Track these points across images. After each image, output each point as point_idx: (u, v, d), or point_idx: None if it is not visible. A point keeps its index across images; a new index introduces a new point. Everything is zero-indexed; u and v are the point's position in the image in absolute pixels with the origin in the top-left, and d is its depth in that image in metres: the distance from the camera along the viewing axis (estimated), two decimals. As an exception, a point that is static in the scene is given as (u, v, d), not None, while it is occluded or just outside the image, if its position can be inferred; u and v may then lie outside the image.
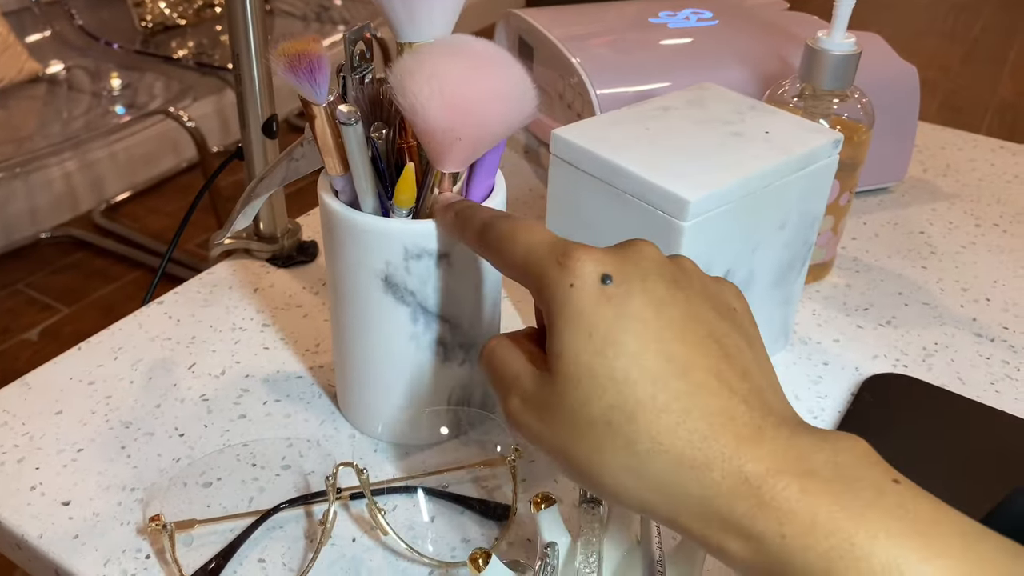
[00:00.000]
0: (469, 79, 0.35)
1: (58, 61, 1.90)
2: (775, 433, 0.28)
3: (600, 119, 0.48)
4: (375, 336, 0.43)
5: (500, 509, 0.43)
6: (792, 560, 0.25)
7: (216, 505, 0.43)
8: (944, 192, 0.74)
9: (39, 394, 0.50)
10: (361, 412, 0.47)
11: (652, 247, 0.32)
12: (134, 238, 2.09)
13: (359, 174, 0.39)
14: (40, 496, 0.43)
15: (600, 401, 0.29)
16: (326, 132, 0.39)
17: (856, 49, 0.55)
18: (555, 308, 0.30)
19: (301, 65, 0.36)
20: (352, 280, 0.42)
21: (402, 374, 0.44)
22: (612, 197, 0.45)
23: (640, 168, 0.43)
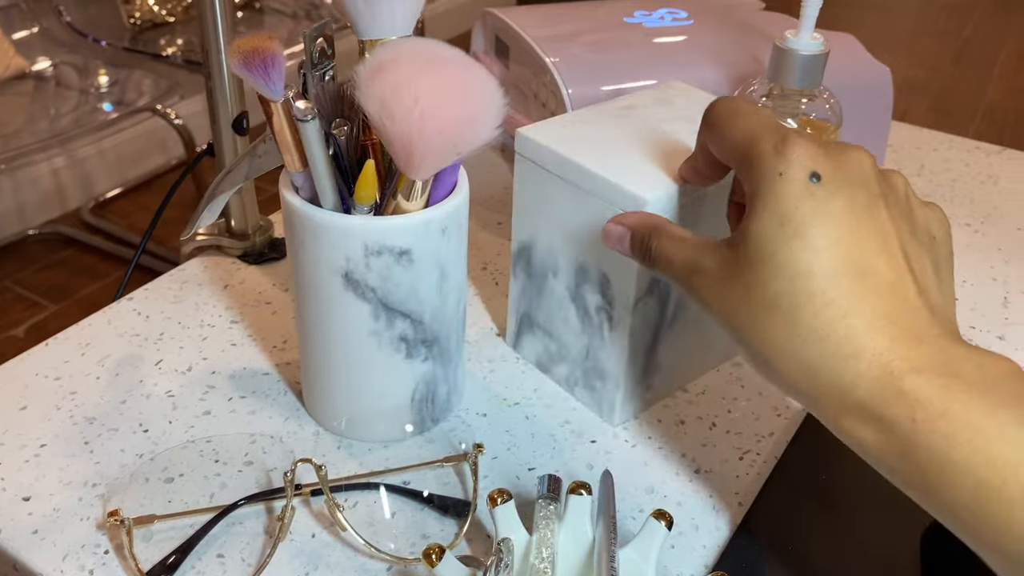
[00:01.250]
0: (448, 97, 0.36)
1: (45, 58, 1.89)
2: (933, 341, 0.30)
3: (565, 118, 0.48)
4: (336, 333, 0.43)
5: (460, 505, 0.43)
6: (919, 441, 0.28)
7: (177, 500, 0.43)
8: (917, 192, 0.74)
9: (3, 389, 0.50)
10: (324, 409, 0.47)
11: (869, 158, 0.33)
12: (122, 235, 2.09)
13: (318, 170, 0.39)
14: (1, 491, 0.43)
15: (774, 285, 0.31)
16: (284, 128, 0.39)
17: (824, 49, 0.55)
18: (760, 190, 0.32)
19: (255, 62, 0.36)
20: (313, 277, 0.42)
21: (364, 371, 0.44)
22: (575, 195, 0.45)
23: (600, 167, 0.44)
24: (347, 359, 0.44)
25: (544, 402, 0.50)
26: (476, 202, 0.69)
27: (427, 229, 0.41)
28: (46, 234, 2.11)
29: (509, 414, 0.49)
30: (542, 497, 0.40)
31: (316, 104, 0.39)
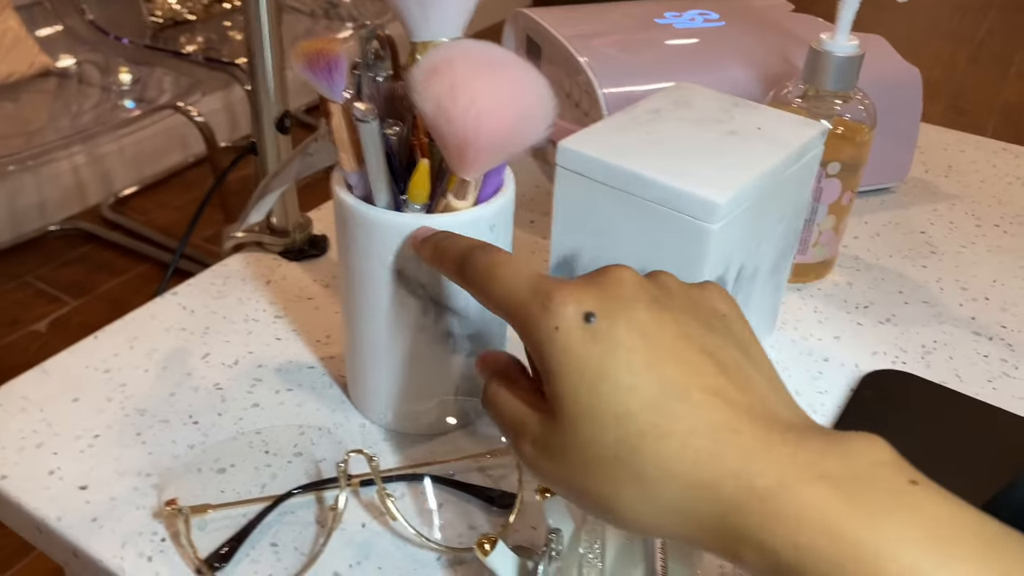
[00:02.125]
0: (502, 98, 0.36)
1: (69, 55, 1.91)
2: (783, 440, 0.27)
3: (599, 127, 0.48)
4: (385, 327, 0.44)
5: (506, 497, 0.44)
6: (805, 567, 0.25)
7: (230, 491, 0.44)
8: (945, 193, 0.75)
9: (56, 381, 0.51)
10: (371, 401, 0.48)
11: (629, 272, 0.32)
12: (141, 231, 2.10)
13: (374, 170, 0.40)
14: (59, 480, 0.45)
15: (604, 438, 0.29)
16: (342, 129, 0.40)
17: (859, 51, 0.56)
18: (544, 352, 0.30)
19: (320, 64, 0.37)
20: (364, 272, 0.43)
21: (411, 364, 0.45)
22: (631, 205, 0.45)
23: (660, 174, 0.44)
24: (395, 353, 0.45)
25: (583, 397, 0.51)
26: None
27: (476, 226, 0.42)
28: (67, 230, 2.13)
29: (550, 409, 0.50)
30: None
31: (370, 103, 0.40)
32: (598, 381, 0.29)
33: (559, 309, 0.30)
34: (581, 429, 0.29)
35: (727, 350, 0.30)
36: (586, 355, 0.29)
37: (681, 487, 0.27)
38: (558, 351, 0.30)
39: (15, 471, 0.45)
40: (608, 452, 0.29)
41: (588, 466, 0.29)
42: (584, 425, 0.29)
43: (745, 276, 0.49)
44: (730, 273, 0.47)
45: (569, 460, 0.30)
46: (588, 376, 0.29)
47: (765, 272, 0.51)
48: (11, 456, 0.46)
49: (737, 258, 0.47)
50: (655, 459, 0.28)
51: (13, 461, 0.45)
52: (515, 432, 0.32)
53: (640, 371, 0.29)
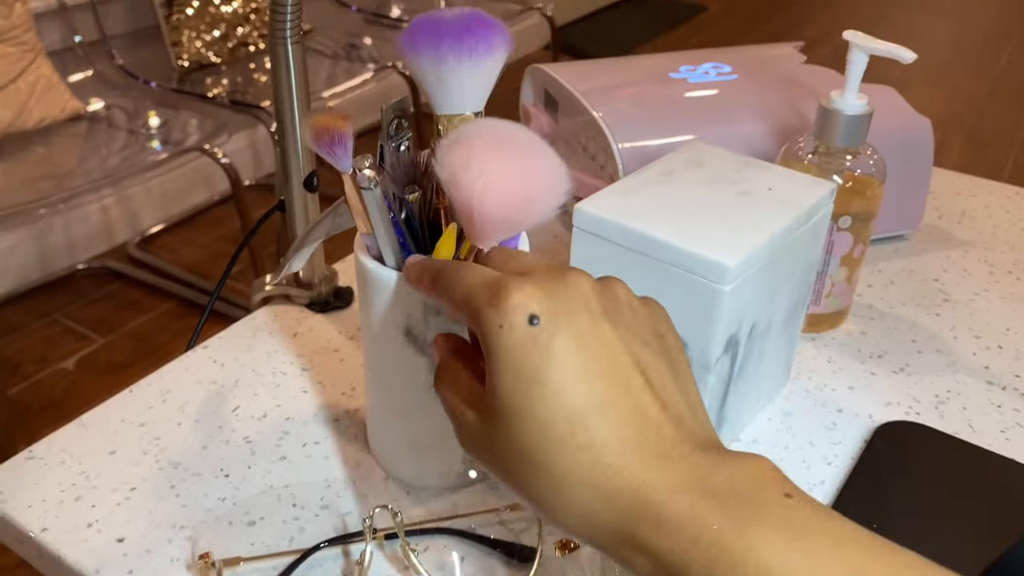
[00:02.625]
0: (510, 175, 0.38)
1: (98, 99, 1.96)
2: (682, 456, 0.30)
3: (613, 188, 0.50)
4: (397, 384, 0.46)
5: (527, 551, 0.45)
6: (681, 571, 0.28)
7: (259, 543, 0.46)
8: (959, 239, 0.76)
9: (94, 434, 0.53)
10: (389, 457, 0.50)
11: (584, 278, 0.34)
12: (167, 269, 2.14)
13: (380, 232, 0.42)
14: (96, 533, 0.46)
15: (526, 438, 0.31)
16: (353, 195, 0.42)
17: (868, 109, 0.57)
18: (488, 347, 0.32)
19: (325, 138, 0.39)
20: (378, 331, 0.45)
21: (424, 421, 0.47)
22: (644, 266, 0.47)
23: (673, 236, 0.45)
24: (407, 409, 0.47)
25: (602, 449, 0.52)
26: (528, 251, 0.72)
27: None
28: (94, 268, 2.17)
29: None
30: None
31: (391, 172, 0.42)
32: (531, 383, 0.31)
33: (505, 307, 0.32)
34: (507, 426, 0.32)
35: (657, 369, 0.33)
36: (524, 357, 0.31)
37: (588, 494, 0.30)
38: (500, 348, 0.32)
39: (55, 523, 0.47)
40: (528, 452, 0.31)
41: (511, 461, 0.32)
42: (510, 423, 0.32)
43: (758, 332, 0.50)
44: (743, 330, 0.48)
45: (496, 452, 0.33)
46: (523, 378, 0.31)
47: (778, 326, 0.52)
48: (51, 509, 0.48)
49: (750, 315, 0.48)
50: (570, 467, 0.30)
51: (53, 514, 0.47)
52: (456, 421, 0.35)
53: (570, 382, 0.31)
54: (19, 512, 0.47)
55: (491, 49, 0.42)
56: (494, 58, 0.42)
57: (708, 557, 0.28)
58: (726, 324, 0.46)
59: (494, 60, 0.42)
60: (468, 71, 0.42)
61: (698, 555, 0.28)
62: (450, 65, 0.41)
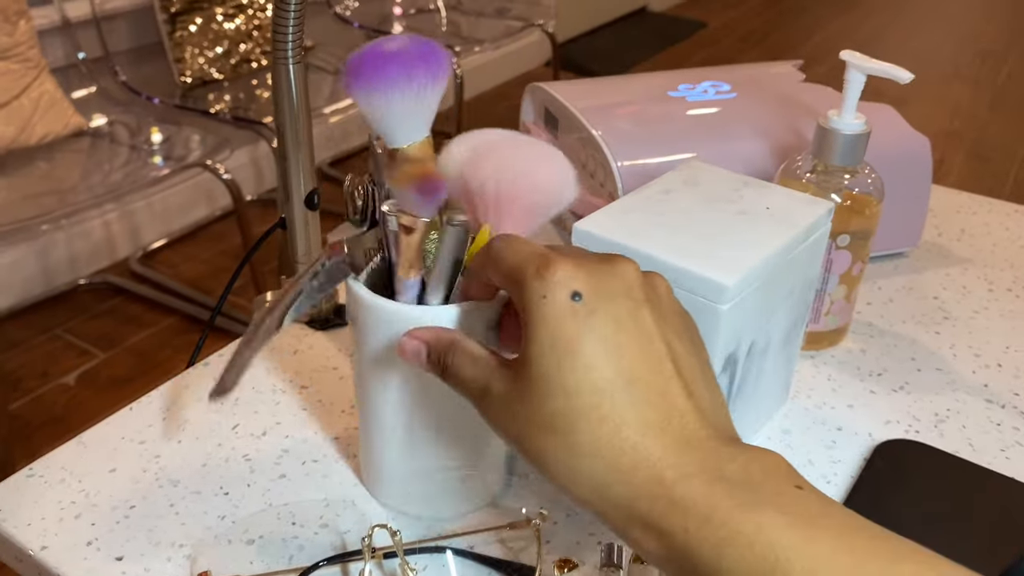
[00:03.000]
0: (518, 162, 0.39)
1: (101, 115, 1.97)
2: (700, 444, 0.31)
3: (613, 208, 0.50)
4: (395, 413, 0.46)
5: (525, 570, 0.45)
6: (691, 551, 0.29)
7: (259, 562, 0.46)
8: (958, 256, 0.76)
9: (93, 452, 0.53)
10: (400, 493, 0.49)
11: (630, 266, 0.35)
12: (169, 285, 2.15)
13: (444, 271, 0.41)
14: (96, 551, 0.46)
15: (550, 405, 0.32)
16: (416, 240, 0.41)
17: (866, 128, 0.58)
18: (528, 316, 0.33)
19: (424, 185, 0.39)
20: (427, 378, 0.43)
21: (422, 449, 0.47)
22: None
23: (671, 256, 0.46)
24: (405, 440, 0.47)
25: (601, 468, 0.52)
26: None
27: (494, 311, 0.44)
28: (95, 284, 2.17)
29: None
30: (605, 566, 0.42)
31: None
32: (564, 354, 0.32)
33: (551, 279, 0.33)
34: (534, 392, 0.33)
35: (688, 361, 0.34)
36: (562, 329, 0.32)
37: (603, 468, 0.31)
38: (540, 318, 0.33)
39: (54, 541, 0.47)
40: (548, 420, 0.32)
41: (530, 426, 0.33)
42: (537, 389, 0.33)
43: (757, 350, 0.50)
44: (742, 349, 0.48)
45: (517, 419, 0.34)
46: (558, 347, 0.32)
47: (777, 344, 0.53)
48: (51, 527, 0.48)
49: (748, 334, 0.48)
50: (588, 437, 0.31)
51: (53, 532, 0.47)
52: (480, 392, 0.36)
53: (602, 357, 0.32)
54: (19, 530, 0.48)
55: (441, 74, 0.41)
56: (443, 83, 0.41)
57: (719, 537, 0.28)
58: (724, 343, 0.46)
59: (443, 84, 0.41)
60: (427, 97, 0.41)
61: (709, 535, 0.29)
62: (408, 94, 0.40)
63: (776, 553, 0.27)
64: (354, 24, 2.55)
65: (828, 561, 0.27)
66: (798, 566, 0.27)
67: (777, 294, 0.50)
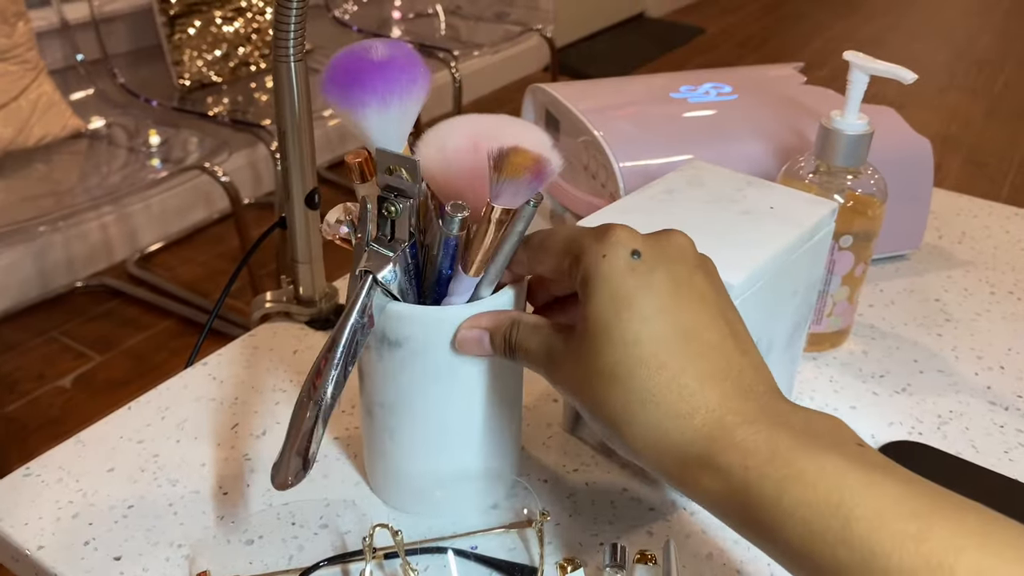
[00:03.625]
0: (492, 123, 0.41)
1: (99, 117, 1.96)
2: (760, 395, 0.32)
3: (615, 207, 0.50)
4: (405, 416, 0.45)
5: (527, 571, 0.45)
6: (751, 487, 0.29)
7: (258, 562, 0.46)
8: (959, 259, 0.76)
9: (92, 451, 0.53)
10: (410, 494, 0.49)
11: (686, 238, 0.36)
12: (166, 287, 2.14)
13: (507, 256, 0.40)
14: (93, 551, 0.46)
15: (609, 356, 0.33)
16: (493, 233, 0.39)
17: (868, 129, 0.58)
18: (588, 274, 0.34)
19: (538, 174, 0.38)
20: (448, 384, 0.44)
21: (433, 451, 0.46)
22: None
23: None
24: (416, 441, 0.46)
25: (602, 469, 0.52)
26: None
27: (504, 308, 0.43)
28: (92, 286, 2.16)
29: (570, 480, 0.51)
30: (609, 566, 0.42)
31: None
32: (624, 307, 0.33)
33: (611, 239, 0.34)
34: (596, 344, 0.34)
35: (741, 324, 0.36)
36: (622, 283, 0.34)
37: (661, 414, 0.32)
38: (600, 276, 0.34)
39: (52, 541, 0.46)
40: (608, 369, 0.33)
41: (588, 378, 0.34)
42: (597, 340, 0.34)
43: (761, 350, 0.50)
44: (745, 349, 0.48)
45: (576, 369, 0.35)
46: (617, 301, 0.33)
47: (780, 344, 0.52)
48: (48, 526, 0.47)
49: (752, 333, 0.48)
50: (646, 383, 0.32)
51: (50, 531, 0.47)
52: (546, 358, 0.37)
53: (661, 309, 0.33)
54: (16, 530, 0.47)
55: (419, 84, 0.41)
56: (423, 91, 0.41)
57: (781, 475, 0.29)
58: (728, 342, 0.46)
59: (422, 93, 0.41)
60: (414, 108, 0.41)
61: (772, 472, 0.29)
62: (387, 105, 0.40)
63: (841, 495, 0.28)
64: (353, 28, 2.54)
65: (893, 506, 0.27)
66: (862, 508, 0.27)
67: (781, 294, 0.49)
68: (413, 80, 0.40)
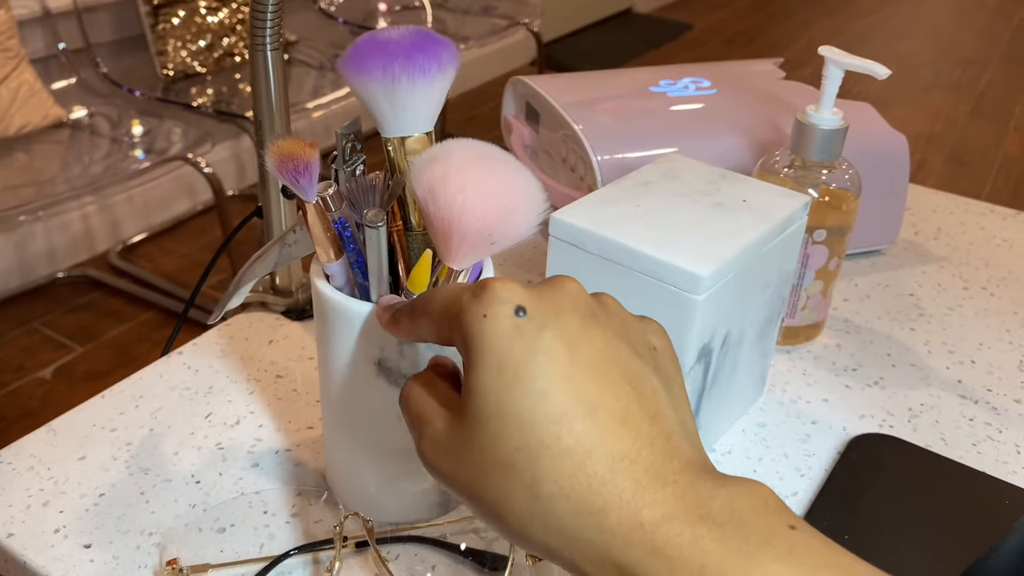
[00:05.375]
0: (489, 189, 0.37)
1: (81, 107, 1.95)
2: (676, 478, 0.28)
3: (591, 199, 0.50)
4: (367, 417, 0.45)
5: (497, 560, 0.45)
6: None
7: (229, 550, 0.46)
8: (934, 255, 0.76)
9: (64, 440, 0.52)
10: (349, 491, 0.48)
11: (574, 283, 0.32)
12: (148, 279, 2.13)
13: (375, 267, 0.41)
14: (63, 539, 0.46)
15: (506, 442, 0.29)
16: (317, 225, 0.40)
17: (843, 124, 0.58)
18: (469, 340, 0.30)
19: (288, 166, 0.38)
20: (345, 365, 0.43)
21: (393, 455, 0.45)
22: (619, 275, 0.47)
23: (647, 246, 0.46)
24: (376, 444, 0.45)
25: (576, 459, 0.52)
26: (509, 262, 0.72)
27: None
28: (74, 277, 2.15)
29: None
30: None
31: (349, 197, 0.41)
32: (514, 380, 0.29)
33: (490, 297, 0.30)
34: (486, 428, 0.29)
35: (648, 380, 0.31)
36: (508, 349, 0.29)
37: (571, 507, 0.28)
38: (482, 340, 0.30)
39: (21, 529, 0.46)
40: (506, 457, 0.29)
41: (484, 468, 0.29)
42: (490, 424, 0.29)
43: (732, 342, 0.50)
44: (716, 340, 0.48)
45: (467, 459, 0.30)
46: (506, 372, 0.29)
47: (752, 337, 0.53)
48: (18, 514, 0.47)
49: (723, 326, 0.48)
50: (551, 475, 0.28)
51: (20, 519, 0.47)
52: (420, 427, 0.32)
53: (556, 380, 0.29)
54: (-15, 517, 0.47)
55: (442, 68, 0.40)
56: (445, 77, 0.41)
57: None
58: (699, 334, 0.46)
59: (445, 79, 0.41)
60: (421, 91, 0.40)
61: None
62: (403, 86, 0.40)
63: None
64: (339, 20, 2.54)
65: None
66: None
67: (753, 286, 0.50)
68: (433, 57, 0.40)
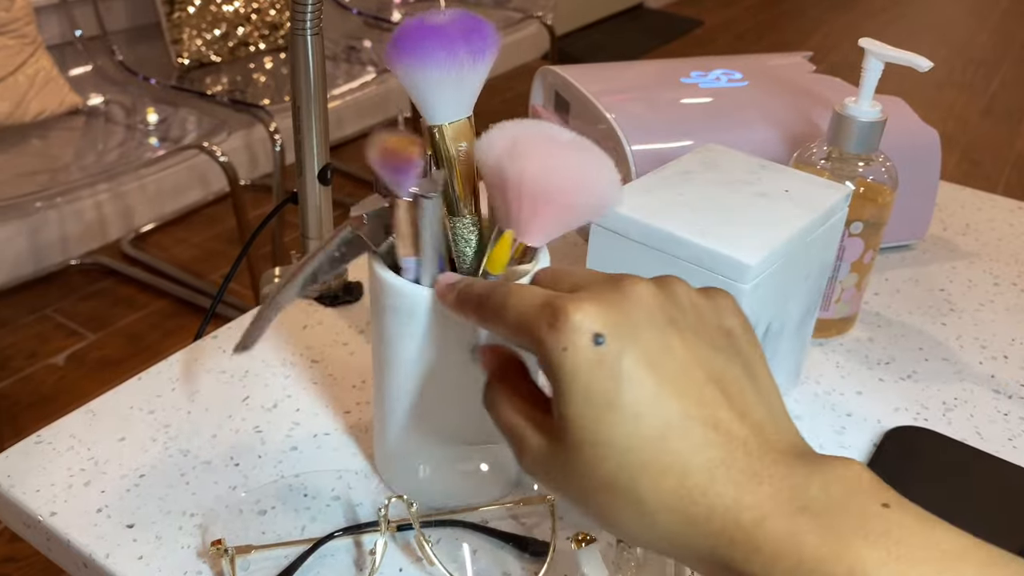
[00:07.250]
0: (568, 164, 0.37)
1: (97, 94, 1.95)
2: (771, 472, 0.29)
3: (631, 187, 0.50)
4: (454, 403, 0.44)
5: (539, 545, 0.45)
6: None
7: (271, 532, 0.46)
8: (963, 251, 0.76)
9: (102, 421, 0.53)
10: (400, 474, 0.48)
11: (643, 286, 0.32)
12: (160, 267, 2.13)
13: (430, 241, 0.40)
14: (106, 518, 0.46)
15: (606, 464, 0.30)
16: (405, 220, 0.40)
17: (882, 116, 0.58)
18: (553, 372, 0.31)
19: (391, 162, 0.38)
20: (432, 352, 0.43)
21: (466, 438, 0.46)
22: (662, 263, 0.47)
23: (692, 234, 0.46)
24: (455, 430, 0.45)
25: (613, 447, 0.52)
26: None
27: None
28: (87, 264, 2.15)
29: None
30: (620, 541, 0.42)
31: None
32: (605, 409, 0.30)
33: (567, 328, 0.30)
34: (583, 455, 0.30)
35: (731, 372, 0.32)
36: (593, 379, 0.30)
37: (677, 521, 0.29)
38: (566, 373, 0.30)
39: (64, 508, 0.47)
40: (608, 478, 0.30)
41: (585, 488, 0.31)
42: (585, 452, 0.30)
43: (773, 333, 0.50)
44: (759, 330, 0.48)
45: (569, 477, 0.31)
46: (595, 402, 0.30)
47: (791, 328, 0.53)
48: (60, 493, 0.47)
49: (766, 316, 0.48)
50: (654, 493, 0.29)
51: (63, 498, 0.47)
52: (517, 445, 0.34)
53: (646, 402, 0.30)
54: (28, 496, 0.47)
55: (487, 51, 0.40)
56: (488, 60, 0.40)
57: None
58: (743, 323, 0.46)
59: (488, 61, 0.40)
60: (480, 74, 0.40)
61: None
62: (467, 69, 0.39)
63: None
64: (353, 11, 2.53)
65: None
66: None
67: (795, 277, 0.50)
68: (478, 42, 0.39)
